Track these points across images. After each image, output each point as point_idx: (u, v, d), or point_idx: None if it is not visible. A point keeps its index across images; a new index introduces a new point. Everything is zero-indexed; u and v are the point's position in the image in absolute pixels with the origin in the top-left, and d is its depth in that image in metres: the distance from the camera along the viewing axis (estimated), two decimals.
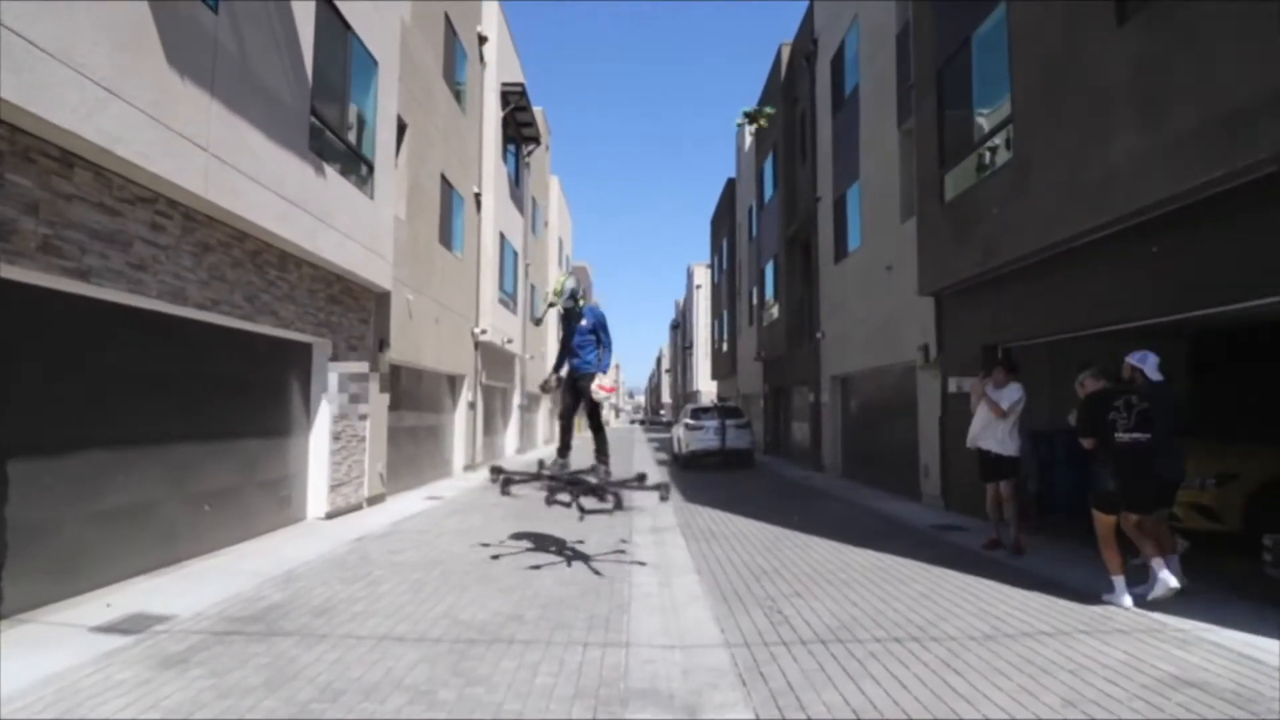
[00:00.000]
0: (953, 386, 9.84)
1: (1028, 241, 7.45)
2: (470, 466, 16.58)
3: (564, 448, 7.08)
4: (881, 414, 13.51)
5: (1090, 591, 5.51)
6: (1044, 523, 8.48)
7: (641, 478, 7.01)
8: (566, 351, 6.93)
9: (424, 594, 5.71)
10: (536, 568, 6.59)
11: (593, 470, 6.84)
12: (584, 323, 6.76)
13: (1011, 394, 7.05)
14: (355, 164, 9.44)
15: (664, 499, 6.67)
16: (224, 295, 6.77)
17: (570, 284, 6.66)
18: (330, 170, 8.43)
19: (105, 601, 5.24)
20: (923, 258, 10.22)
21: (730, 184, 32.11)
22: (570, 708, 3.58)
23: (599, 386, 6.54)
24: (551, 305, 6.66)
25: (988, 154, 8.67)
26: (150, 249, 5.77)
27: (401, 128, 11.66)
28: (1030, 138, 7.34)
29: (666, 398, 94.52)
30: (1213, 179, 4.93)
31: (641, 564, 6.74)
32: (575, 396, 6.86)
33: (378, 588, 5.91)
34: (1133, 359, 5.64)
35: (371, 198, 9.82)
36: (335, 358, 9.35)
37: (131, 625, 4.80)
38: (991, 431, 7.09)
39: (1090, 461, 5.38)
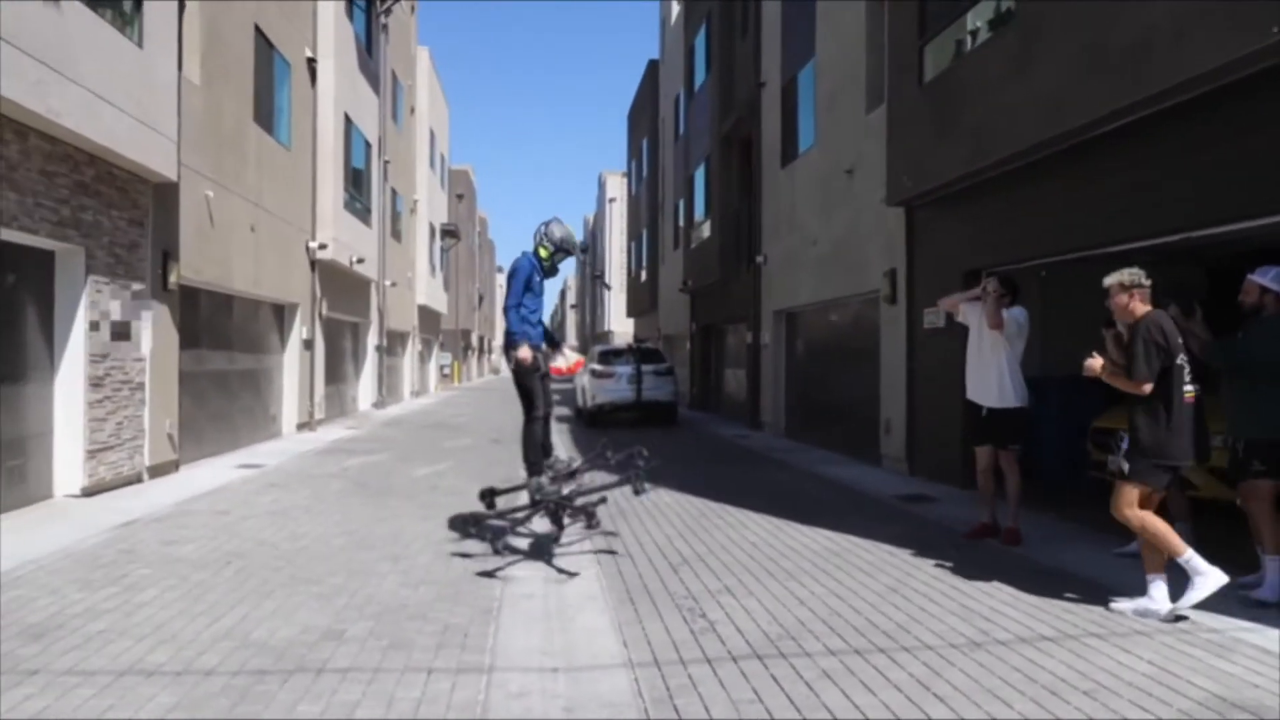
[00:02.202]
0: (929, 320, 9.58)
1: (1029, 131, 7.08)
2: (306, 424, 15.54)
3: (546, 454, 6.54)
4: (835, 358, 13.38)
5: (1095, 580, 5.32)
6: (1029, 491, 8.40)
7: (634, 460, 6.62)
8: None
9: (205, 603, 5.00)
10: (375, 561, 5.93)
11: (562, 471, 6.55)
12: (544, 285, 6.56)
13: (1017, 315, 6.43)
14: None
15: (639, 492, 6.42)
16: None
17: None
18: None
19: None
20: (893, 157, 9.85)
21: (652, 67, 31.08)
22: None
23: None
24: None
25: (981, 18, 8.22)
26: None
27: None
28: None
29: (572, 339, 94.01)
30: None
31: (521, 552, 6.18)
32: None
33: (137, 595, 5.15)
34: (1264, 278, 5.00)
35: (140, 45, 8.51)
36: (92, 272, 8.18)
37: None
38: (985, 374, 6.49)
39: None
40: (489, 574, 5.62)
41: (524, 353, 6.23)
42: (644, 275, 33.25)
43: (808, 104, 14.09)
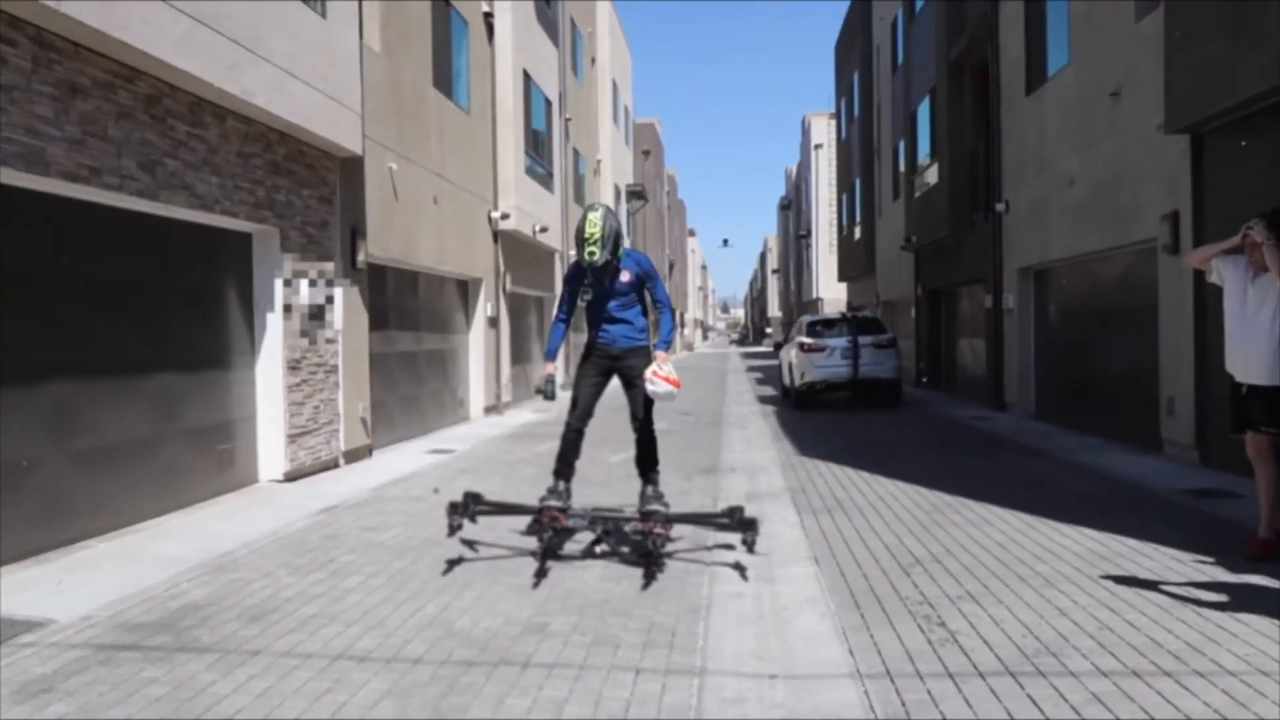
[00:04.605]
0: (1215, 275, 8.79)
1: None
2: (494, 407, 16.55)
3: (566, 466, 6.55)
4: (1099, 323, 12.65)
5: None
6: None
7: (733, 513, 6.15)
8: (588, 318, 6.40)
9: (407, 590, 5.52)
10: (574, 553, 6.28)
11: (644, 501, 6.44)
12: (624, 276, 6.16)
13: None
14: None
15: (749, 544, 5.88)
16: (107, 161, 6.51)
17: (612, 223, 5.86)
18: None
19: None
20: (1174, 73, 9.14)
21: None
22: None
23: (659, 376, 5.98)
24: (592, 258, 5.81)
25: None
26: None
27: None
28: None
29: (774, 309, 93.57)
30: None
31: (730, 547, 6.34)
32: (603, 383, 6.45)
33: (343, 580, 5.76)
34: None
35: (324, 16, 9.33)
36: (286, 253, 9.13)
37: None
38: (1255, 344, 5.74)
39: None
40: (648, 576, 5.68)
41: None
42: (858, 233, 32.53)
43: (1059, 16, 13.29)
